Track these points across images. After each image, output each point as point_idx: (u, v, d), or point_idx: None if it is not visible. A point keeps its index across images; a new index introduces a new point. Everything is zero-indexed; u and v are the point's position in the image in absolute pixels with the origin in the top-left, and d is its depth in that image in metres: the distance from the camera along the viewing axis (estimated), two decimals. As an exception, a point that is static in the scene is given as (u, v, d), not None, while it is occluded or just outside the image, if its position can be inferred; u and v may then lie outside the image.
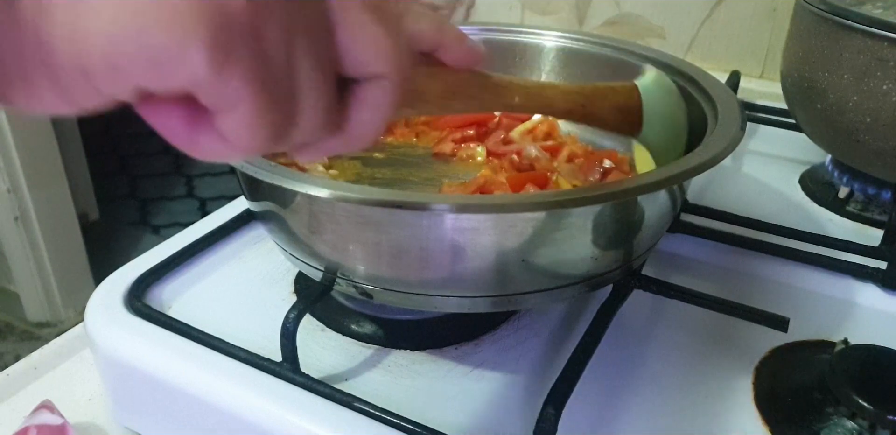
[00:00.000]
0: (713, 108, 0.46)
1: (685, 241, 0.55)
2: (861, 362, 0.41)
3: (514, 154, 0.54)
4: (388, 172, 0.54)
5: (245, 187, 0.44)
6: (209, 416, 0.42)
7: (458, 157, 0.55)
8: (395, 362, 0.44)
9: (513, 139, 0.56)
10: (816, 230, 0.55)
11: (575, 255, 0.39)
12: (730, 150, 0.41)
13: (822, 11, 0.55)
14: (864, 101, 0.53)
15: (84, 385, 0.50)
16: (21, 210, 1.59)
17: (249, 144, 0.23)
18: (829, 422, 0.40)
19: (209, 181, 2.32)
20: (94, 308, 0.47)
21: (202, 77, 0.20)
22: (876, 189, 0.60)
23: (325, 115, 0.24)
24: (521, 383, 0.43)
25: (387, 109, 0.26)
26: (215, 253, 0.54)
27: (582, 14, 0.92)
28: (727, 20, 0.85)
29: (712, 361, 0.45)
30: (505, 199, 0.39)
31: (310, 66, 0.23)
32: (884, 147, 0.54)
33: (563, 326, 0.47)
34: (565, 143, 0.55)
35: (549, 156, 0.54)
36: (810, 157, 0.68)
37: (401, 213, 0.36)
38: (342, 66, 0.25)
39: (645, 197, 0.39)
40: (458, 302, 0.41)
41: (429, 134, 0.58)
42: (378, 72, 0.25)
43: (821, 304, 0.51)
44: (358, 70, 0.25)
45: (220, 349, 0.44)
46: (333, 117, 0.25)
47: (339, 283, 0.42)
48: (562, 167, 0.53)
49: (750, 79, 0.83)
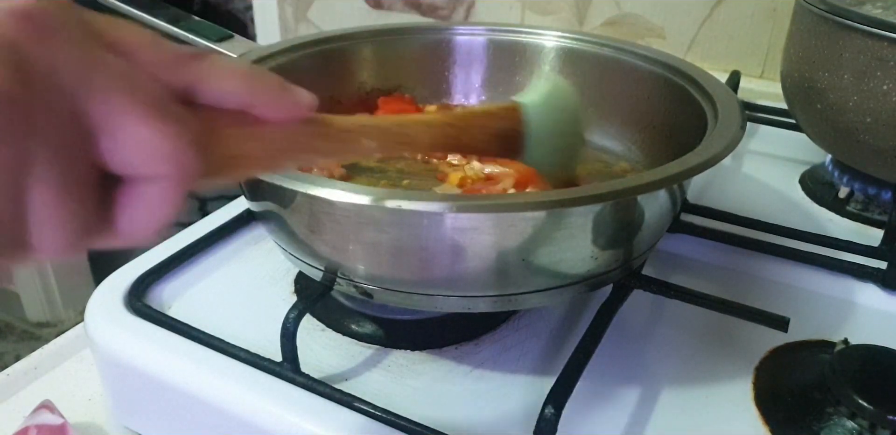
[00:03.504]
0: (713, 108, 0.46)
1: (685, 241, 0.55)
2: (861, 362, 0.41)
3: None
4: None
5: (245, 187, 0.44)
6: (209, 416, 0.42)
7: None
8: (395, 362, 0.44)
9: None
10: (816, 230, 0.55)
11: (575, 254, 0.39)
12: (730, 149, 0.41)
13: (822, 11, 0.55)
14: (864, 101, 0.53)
15: (84, 385, 0.50)
16: (21, 210, 1.59)
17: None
18: (829, 422, 0.40)
19: (209, 181, 2.32)
20: (94, 308, 0.47)
21: None
22: (876, 189, 0.60)
23: (69, 236, 0.21)
24: (521, 383, 0.43)
25: (166, 207, 0.23)
26: (215, 253, 0.54)
27: (582, 14, 0.92)
28: (727, 20, 0.85)
29: (712, 361, 0.45)
30: (505, 199, 0.39)
31: (48, 190, 0.20)
32: (884, 147, 0.54)
33: (563, 326, 0.47)
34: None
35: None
36: (810, 157, 0.68)
37: (401, 213, 0.36)
38: (108, 168, 0.22)
39: (645, 197, 0.39)
40: (458, 302, 0.41)
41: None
42: (150, 173, 0.22)
43: (821, 304, 0.51)
44: (127, 172, 0.22)
45: (220, 349, 0.44)
46: (95, 223, 0.22)
47: (339, 283, 0.42)
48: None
49: (750, 79, 0.83)
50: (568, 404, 0.37)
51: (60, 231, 0.21)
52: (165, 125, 0.22)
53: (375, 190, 0.37)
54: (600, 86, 0.58)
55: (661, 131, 0.54)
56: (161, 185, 0.23)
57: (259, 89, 0.27)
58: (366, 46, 0.60)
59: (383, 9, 1.06)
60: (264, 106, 0.27)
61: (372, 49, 0.60)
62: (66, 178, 0.21)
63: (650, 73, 0.54)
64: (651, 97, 0.55)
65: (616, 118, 0.57)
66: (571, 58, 0.59)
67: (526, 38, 0.60)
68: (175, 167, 0.22)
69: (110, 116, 0.21)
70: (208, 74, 0.25)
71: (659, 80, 0.54)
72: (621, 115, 0.57)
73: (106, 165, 0.22)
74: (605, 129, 0.58)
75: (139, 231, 0.23)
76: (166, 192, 0.23)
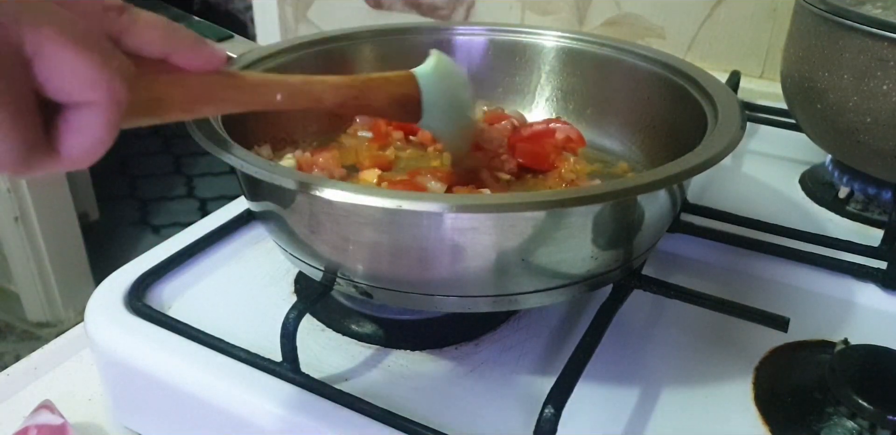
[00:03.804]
0: (713, 108, 0.46)
1: (685, 241, 0.55)
2: (861, 362, 0.41)
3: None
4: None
5: (245, 187, 0.44)
6: (209, 416, 0.42)
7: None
8: (395, 362, 0.44)
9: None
10: (816, 230, 0.55)
11: (575, 254, 0.39)
12: (730, 149, 0.41)
13: (822, 11, 0.55)
14: (864, 101, 0.53)
15: (84, 385, 0.50)
16: (21, 210, 1.59)
17: None
18: (829, 422, 0.40)
19: (209, 181, 2.32)
20: (94, 308, 0.47)
21: None
22: (876, 189, 0.60)
23: (16, 151, 0.25)
24: (521, 383, 0.43)
25: (99, 132, 0.26)
26: (215, 253, 0.54)
27: (582, 14, 0.92)
28: (727, 20, 0.85)
29: (712, 361, 0.45)
30: (505, 199, 0.39)
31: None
32: (884, 147, 0.54)
33: (563, 326, 0.47)
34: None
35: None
36: (810, 157, 0.68)
37: (401, 213, 0.36)
38: (47, 95, 0.25)
39: (645, 197, 0.39)
40: (458, 302, 0.41)
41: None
42: (84, 99, 0.26)
43: (821, 304, 0.51)
44: (63, 99, 0.25)
45: (220, 349, 0.44)
46: (40, 144, 0.25)
47: (339, 283, 0.42)
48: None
49: (750, 79, 0.83)
50: (568, 404, 0.37)
51: (8, 148, 0.24)
52: (93, 54, 0.25)
53: (376, 190, 0.37)
54: (600, 86, 0.58)
55: (661, 131, 0.54)
56: (94, 111, 0.26)
57: (176, 40, 0.31)
58: (366, 46, 0.60)
59: (383, 9, 1.06)
60: (181, 55, 0.31)
61: (372, 49, 0.60)
62: (9, 101, 0.24)
63: (650, 73, 0.54)
64: (651, 97, 0.55)
65: (616, 118, 0.57)
66: (571, 58, 0.59)
67: (526, 38, 0.60)
68: (104, 94, 0.26)
69: (43, 46, 0.24)
70: (132, 24, 0.29)
71: (659, 80, 0.54)
72: (621, 115, 0.57)
73: (44, 91, 0.25)
74: (605, 129, 0.58)
75: (79, 155, 0.27)
76: (99, 117, 0.26)
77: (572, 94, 0.59)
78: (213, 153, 0.40)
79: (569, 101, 0.60)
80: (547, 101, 0.61)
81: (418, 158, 0.55)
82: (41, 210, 1.61)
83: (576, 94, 0.59)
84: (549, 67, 0.60)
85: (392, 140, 0.57)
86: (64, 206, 1.68)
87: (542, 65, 0.60)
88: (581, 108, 0.59)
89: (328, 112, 0.52)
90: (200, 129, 0.42)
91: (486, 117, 0.59)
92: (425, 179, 0.49)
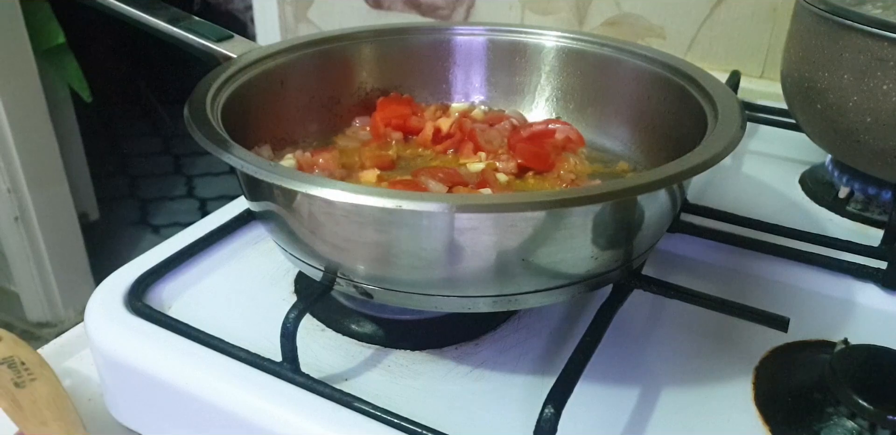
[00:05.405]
0: (713, 108, 0.46)
1: (685, 241, 0.55)
2: (861, 362, 0.41)
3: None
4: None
5: (245, 187, 0.44)
6: (209, 415, 0.42)
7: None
8: (395, 362, 0.44)
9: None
10: (816, 230, 0.55)
11: (575, 254, 0.39)
12: (730, 149, 0.41)
13: (822, 11, 0.55)
14: (864, 101, 0.53)
15: (84, 385, 0.50)
16: (21, 210, 1.59)
17: None
18: (829, 422, 0.40)
19: (209, 181, 2.32)
20: (94, 308, 0.47)
21: None
22: (876, 189, 0.60)
23: None
24: (521, 383, 0.43)
25: None
26: (215, 253, 0.54)
27: (582, 14, 0.92)
28: (727, 20, 0.85)
29: (712, 361, 0.45)
30: (505, 199, 0.39)
31: None
32: (884, 147, 0.54)
33: (563, 326, 0.47)
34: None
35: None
36: (810, 157, 0.68)
37: (401, 213, 0.36)
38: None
39: (645, 197, 0.39)
40: (458, 302, 0.41)
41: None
42: None
43: (821, 304, 0.51)
44: None
45: (220, 349, 0.44)
46: None
47: (339, 283, 0.42)
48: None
49: (750, 79, 0.83)
50: (568, 404, 0.37)
51: None
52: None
53: (375, 190, 0.37)
54: (600, 86, 0.58)
55: (661, 131, 0.54)
56: None
57: None
58: (366, 46, 0.60)
59: (383, 9, 1.06)
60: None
61: (372, 49, 0.60)
62: None
63: (650, 73, 0.54)
64: (651, 97, 0.54)
65: (616, 118, 0.57)
66: (571, 58, 0.59)
67: (526, 38, 0.60)
68: None
69: None
70: None
71: (659, 80, 0.54)
72: (621, 116, 0.57)
73: None
74: (605, 129, 0.58)
75: None
76: None
77: (572, 94, 0.59)
78: (213, 153, 0.40)
79: (569, 101, 0.60)
80: (547, 101, 0.61)
81: (418, 158, 0.56)
82: (41, 210, 1.61)
83: (576, 94, 0.59)
84: (549, 67, 0.60)
85: (392, 140, 0.57)
86: (64, 206, 1.68)
87: (542, 65, 0.60)
88: (581, 108, 0.59)
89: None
90: (200, 129, 0.42)
91: (486, 118, 0.59)
92: (426, 179, 0.49)
